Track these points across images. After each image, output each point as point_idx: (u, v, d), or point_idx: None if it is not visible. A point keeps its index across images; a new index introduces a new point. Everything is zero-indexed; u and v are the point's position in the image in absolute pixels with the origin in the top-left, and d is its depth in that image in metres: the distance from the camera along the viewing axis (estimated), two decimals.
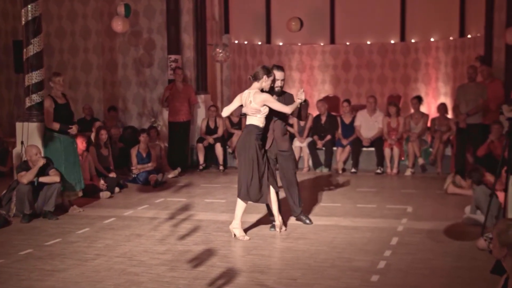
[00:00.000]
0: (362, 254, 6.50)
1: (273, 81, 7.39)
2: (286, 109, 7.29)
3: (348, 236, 7.25)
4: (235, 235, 7.19)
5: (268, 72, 7.26)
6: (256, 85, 7.24)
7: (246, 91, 7.29)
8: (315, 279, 5.69)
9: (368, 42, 17.16)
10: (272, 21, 17.37)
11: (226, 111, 7.41)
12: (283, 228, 7.51)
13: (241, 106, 7.29)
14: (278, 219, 7.44)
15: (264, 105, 7.13)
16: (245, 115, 7.28)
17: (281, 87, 7.57)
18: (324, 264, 6.15)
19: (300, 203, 7.86)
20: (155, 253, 6.63)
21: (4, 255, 6.60)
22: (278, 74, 7.45)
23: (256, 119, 7.19)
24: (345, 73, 17.34)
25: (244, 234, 7.20)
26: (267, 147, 7.44)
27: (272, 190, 7.32)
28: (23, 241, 7.21)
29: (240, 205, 7.22)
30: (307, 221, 7.85)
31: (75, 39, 14.07)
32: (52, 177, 8.37)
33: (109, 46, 14.10)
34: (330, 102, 14.72)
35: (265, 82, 7.25)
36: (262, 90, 7.25)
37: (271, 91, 7.40)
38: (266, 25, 17.45)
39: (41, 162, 8.29)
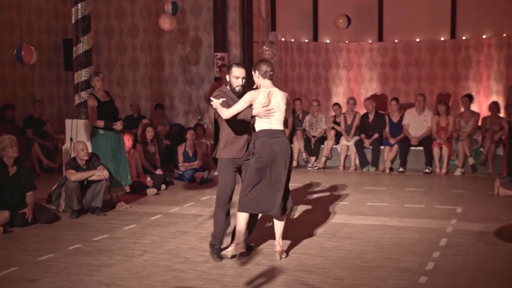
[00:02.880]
0: (410, 255, 6.38)
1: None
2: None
3: (396, 236, 7.13)
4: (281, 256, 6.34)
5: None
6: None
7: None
8: (362, 279, 5.61)
9: (417, 40, 16.90)
10: (319, 19, 17.27)
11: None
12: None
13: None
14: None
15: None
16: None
17: (242, 85, 6.36)
18: (371, 264, 6.06)
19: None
20: (200, 250, 6.63)
21: (53, 250, 6.71)
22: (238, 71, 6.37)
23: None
24: (393, 71, 17.12)
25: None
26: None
27: None
28: (71, 236, 7.32)
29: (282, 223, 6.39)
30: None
31: (123, 37, 14.25)
32: (103, 171, 8.44)
33: (156, 44, 14.23)
34: (378, 100, 14.58)
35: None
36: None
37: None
38: (313, 22, 17.35)
39: (97, 175, 8.39)
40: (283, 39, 16.28)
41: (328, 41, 17.34)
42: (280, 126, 6.19)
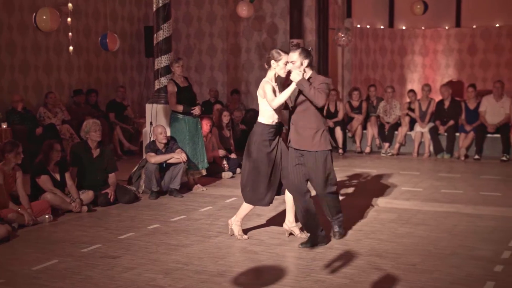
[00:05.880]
0: (486, 243, 6.31)
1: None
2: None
3: (471, 224, 7.07)
4: (232, 232, 6.63)
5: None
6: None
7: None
8: (435, 266, 5.61)
9: (497, 25, 16.44)
10: (396, 5, 17.04)
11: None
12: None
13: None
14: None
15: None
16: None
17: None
18: (445, 252, 6.04)
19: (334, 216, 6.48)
20: (274, 233, 6.76)
21: (134, 229, 6.98)
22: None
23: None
24: (471, 57, 16.75)
25: (242, 233, 6.59)
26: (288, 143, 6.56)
27: (286, 194, 6.51)
28: (151, 216, 7.58)
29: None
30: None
31: (201, 24, 14.53)
32: (181, 155, 8.67)
33: (233, 31, 14.43)
34: (454, 87, 14.34)
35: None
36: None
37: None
38: (389, 8, 17.13)
39: (175, 158, 8.63)
40: (358, 26, 16.17)
41: (404, 28, 17.11)
42: None
